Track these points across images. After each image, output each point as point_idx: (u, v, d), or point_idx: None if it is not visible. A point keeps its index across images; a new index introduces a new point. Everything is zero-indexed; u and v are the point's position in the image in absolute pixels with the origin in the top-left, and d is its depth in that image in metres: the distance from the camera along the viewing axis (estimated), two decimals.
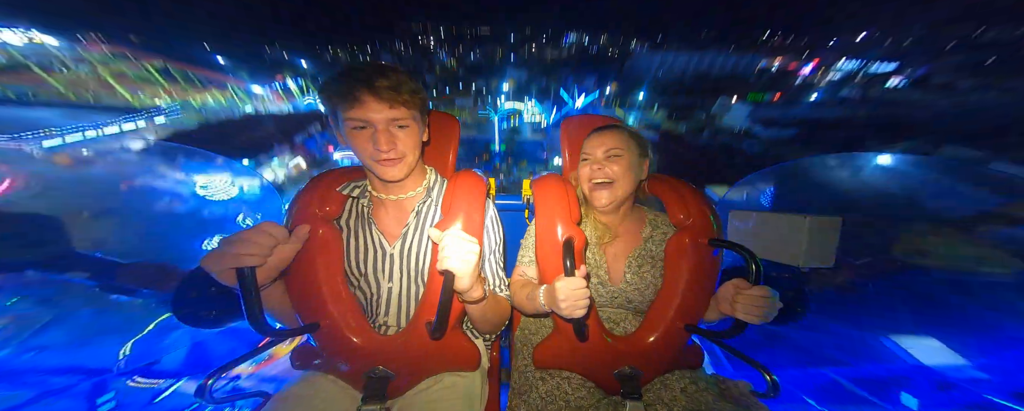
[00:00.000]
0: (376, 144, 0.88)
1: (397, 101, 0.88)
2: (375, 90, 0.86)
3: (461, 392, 1.00)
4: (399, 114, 0.89)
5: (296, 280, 0.95)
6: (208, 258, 0.74)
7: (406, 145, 0.93)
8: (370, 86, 0.85)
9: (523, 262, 1.12)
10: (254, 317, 0.76)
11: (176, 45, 46.81)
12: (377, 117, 0.88)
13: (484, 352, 1.13)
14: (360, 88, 0.85)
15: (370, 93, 0.86)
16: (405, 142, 0.93)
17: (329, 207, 1.00)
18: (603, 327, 1.04)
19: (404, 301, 1.01)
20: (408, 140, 0.93)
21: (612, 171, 1.08)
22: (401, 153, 0.92)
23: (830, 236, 1.59)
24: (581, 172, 1.13)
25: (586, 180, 1.12)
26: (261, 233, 0.77)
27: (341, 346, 0.94)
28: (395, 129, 0.91)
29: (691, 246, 1.07)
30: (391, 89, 0.87)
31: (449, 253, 0.76)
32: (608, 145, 1.10)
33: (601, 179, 1.09)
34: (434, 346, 0.94)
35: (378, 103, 0.87)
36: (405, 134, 0.92)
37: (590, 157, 1.11)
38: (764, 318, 0.84)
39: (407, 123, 0.92)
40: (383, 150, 0.89)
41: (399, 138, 0.91)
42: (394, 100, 0.87)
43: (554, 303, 0.85)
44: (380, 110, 0.87)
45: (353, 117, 0.87)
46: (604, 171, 1.08)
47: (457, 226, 0.93)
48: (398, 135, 0.91)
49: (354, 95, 0.86)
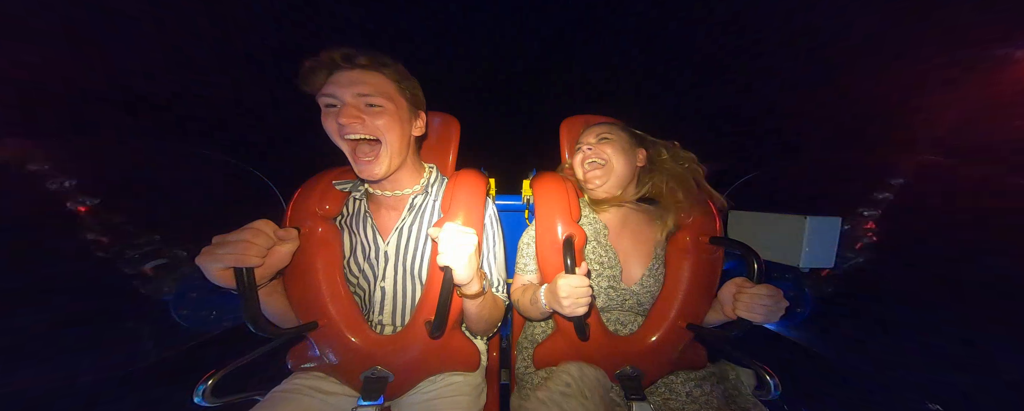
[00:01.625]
0: (338, 117, 0.81)
1: (379, 76, 0.83)
2: (347, 61, 0.82)
3: (460, 393, 0.99)
4: (370, 90, 0.83)
5: (295, 279, 0.95)
6: (203, 257, 0.72)
7: (378, 127, 0.85)
8: (341, 57, 0.82)
9: (525, 270, 1.09)
10: (252, 317, 0.76)
11: None
12: (344, 92, 0.82)
13: (484, 352, 1.13)
14: (331, 59, 0.81)
15: (340, 66, 0.82)
16: (378, 123, 0.85)
17: (329, 205, 1.00)
18: (604, 327, 1.04)
19: (399, 299, 0.99)
20: (384, 122, 0.85)
21: (604, 153, 1.07)
22: (371, 133, 0.85)
23: (830, 236, 1.60)
24: (575, 160, 1.14)
25: (579, 165, 1.12)
26: (258, 233, 0.76)
27: (339, 346, 0.94)
28: (364, 106, 0.84)
29: (692, 245, 1.06)
30: (362, 65, 0.83)
31: (446, 246, 0.75)
32: (599, 131, 1.11)
33: (593, 159, 1.09)
34: (433, 346, 0.94)
35: (348, 76, 0.82)
36: (380, 114, 0.85)
37: (582, 143, 1.13)
38: (767, 317, 0.84)
39: (380, 103, 0.85)
40: (344, 124, 0.81)
41: (368, 116, 0.84)
42: (365, 74, 0.82)
43: (555, 301, 0.84)
44: (349, 83, 0.82)
45: (324, 91, 0.82)
46: (595, 151, 1.08)
47: (456, 222, 0.93)
48: (368, 113, 0.84)
49: (325, 69, 0.82)
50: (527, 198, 1.37)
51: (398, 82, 0.89)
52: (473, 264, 0.80)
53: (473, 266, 0.80)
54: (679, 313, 1.03)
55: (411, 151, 0.99)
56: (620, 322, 1.08)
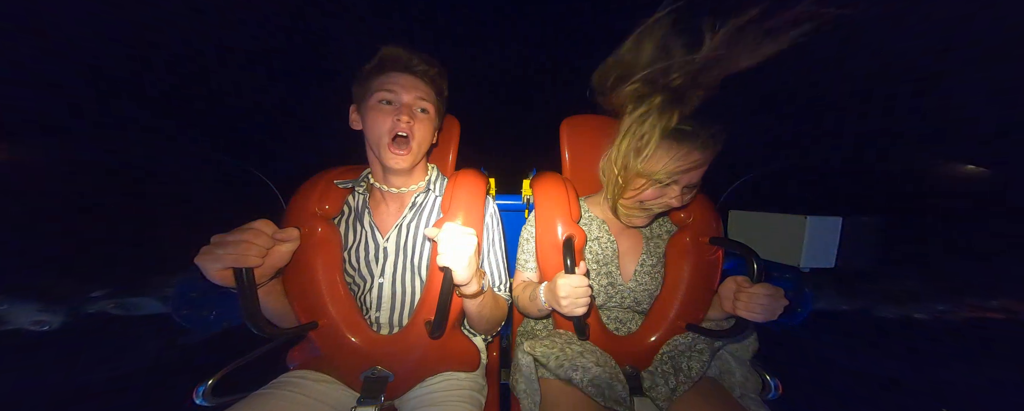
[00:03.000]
0: (396, 116, 0.90)
1: (430, 86, 0.95)
2: (416, 70, 0.93)
3: (460, 392, 0.99)
4: (427, 95, 0.94)
5: (294, 279, 0.95)
6: (202, 257, 0.72)
7: (422, 130, 0.95)
8: (413, 65, 0.92)
9: (525, 267, 1.10)
10: (252, 317, 0.76)
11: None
12: (407, 94, 0.92)
13: (484, 352, 1.13)
14: (403, 64, 0.92)
15: (409, 71, 0.92)
16: (422, 127, 0.95)
17: (328, 205, 1.00)
18: (604, 326, 1.04)
19: (397, 297, 0.99)
20: (426, 127, 0.96)
21: (684, 200, 0.91)
22: (416, 135, 0.94)
23: (830, 236, 1.60)
24: (643, 192, 0.90)
25: (647, 200, 0.92)
26: (257, 233, 0.76)
27: (339, 345, 0.94)
28: (417, 111, 0.94)
29: (692, 245, 1.06)
30: (426, 73, 0.94)
31: (445, 246, 0.75)
32: (697, 179, 0.89)
33: (676, 206, 0.92)
34: (433, 346, 0.94)
35: (413, 80, 0.92)
36: (425, 119, 0.96)
37: (676, 184, 0.88)
38: (767, 316, 0.84)
39: (429, 109, 0.96)
40: (404, 121, 0.90)
41: (417, 120, 0.94)
42: (427, 83, 0.94)
43: (555, 300, 0.84)
44: (413, 87, 0.92)
45: (385, 88, 0.91)
46: (681, 199, 0.90)
47: (456, 221, 0.93)
48: (418, 117, 0.94)
49: (394, 70, 0.91)
50: (527, 198, 1.37)
51: (440, 93, 1.00)
52: (473, 264, 0.80)
53: (473, 266, 0.80)
54: (679, 313, 1.03)
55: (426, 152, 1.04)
56: (619, 320, 1.08)
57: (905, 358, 1.33)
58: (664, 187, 0.88)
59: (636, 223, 1.02)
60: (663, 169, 0.85)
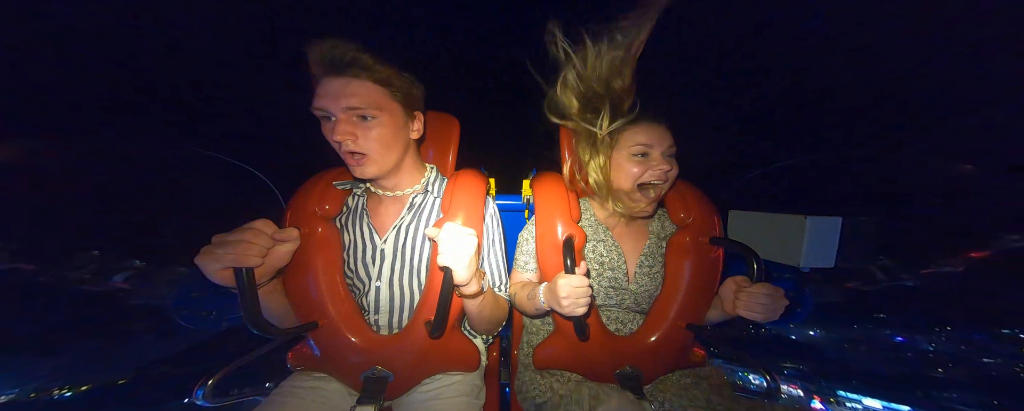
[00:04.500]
0: (332, 135, 0.79)
1: (356, 87, 0.78)
2: (337, 66, 0.77)
3: (460, 392, 0.99)
4: (360, 102, 0.79)
5: (294, 279, 0.95)
6: (203, 257, 0.72)
7: (369, 142, 0.82)
8: (332, 60, 0.77)
9: (525, 267, 1.09)
10: (252, 317, 0.76)
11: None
12: (335, 105, 0.78)
13: (484, 352, 1.13)
14: (326, 64, 0.77)
15: (333, 70, 0.77)
16: (370, 137, 0.82)
17: (328, 205, 1.00)
18: (604, 326, 1.04)
19: (395, 299, 0.98)
20: (376, 135, 0.83)
21: (670, 176, 0.96)
22: (361, 150, 0.83)
23: (830, 236, 1.60)
24: (629, 170, 0.96)
25: (635, 181, 0.97)
26: (257, 233, 0.76)
27: (339, 346, 0.94)
28: (355, 119, 0.81)
29: (692, 245, 1.06)
30: (359, 70, 0.78)
31: (446, 246, 0.75)
32: (669, 141, 0.96)
33: (659, 181, 0.96)
34: (433, 346, 0.94)
35: (339, 86, 0.78)
36: (372, 126, 0.82)
37: (649, 152, 0.96)
38: (767, 316, 0.84)
39: (372, 114, 0.81)
40: (337, 141, 0.79)
41: (360, 130, 0.81)
42: (352, 83, 0.78)
43: (555, 301, 0.84)
44: (338, 95, 0.78)
45: (315, 104, 0.79)
46: (668, 167, 0.95)
47: (456, 221, 0.93)
48: (360, 127, 0.81)
49: (324, 72, 0.78)
50: (527, 198, 1.37)
51: (388, 86, 0.84)
52: (473, 265, 0.80)
53: (473, 267, 0.80)
54: (679, 313, 1.03)
55: (410, 152, 0.98)
56: (620, 321, 1.08)
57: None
58: (644, 159, 0.96)
59: (643, 210, 1.01)
60: (634, 143, 0.96)
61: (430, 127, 1.07)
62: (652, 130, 0.96)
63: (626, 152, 0.97)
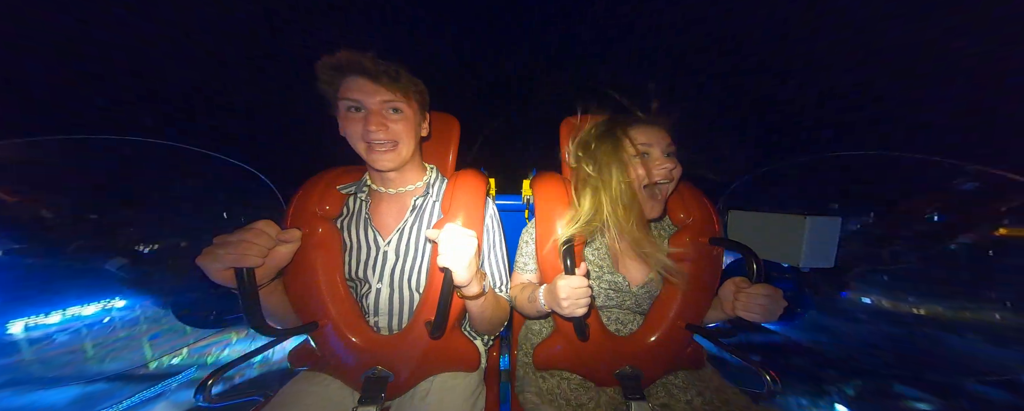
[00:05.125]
0: (366, 125, 0.88)
1: (393, 86, 0.89)
2: (371, 72, 0.87)
3: (460, 392, 0.99)
4: (393, 96, 0.90)
5: (295, 279, 0.95)
6: (204, 257, 0.72)
7: (399, 132, 0.92)
8: (365, 67, 0.87)
9: (524, 268, 1.09)
10: (253, 318, 0.76)
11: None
12: (371, 99, 0.88)
13: (484, 352, 1.13)
14: (357, 67, 0.87)
15: (366, 74, 0.87)
16: (398, 128, 0.92)
17: (328, 206, 1.00)
18: (604, 327, 1.04)
19: (396, 301, 0.98)
20: (402, 127, 0.93)
21: (674, 174, 0.94)
22: (393, 138, 0.92)
23: (830, 236, 1.60)
24: (632, 171, 0.93)
25: (639, 182, 0.93)
26: (258, 233, 0.76)
27: (340, 346, 0.94)
28: (388, 112, 0.91)
29: (692, 245, 1.06)
30: (386, 74, 0.88)
31: (446, 247, 0.75)
32: (668, 140, 0.96)
33: (665, 180, 0.94)
34: (433, 346, 0.94)
35: (373, 84, 0.88)
36: (399, 119, 0.92)
37: (650, 151, 0.94)
38: (766, 317, 0.84)
39: (401, 108, 0.92)
40: (372, 130, 0.88)
41: (391, 122, 0.91)
42: (390, 83, 0.88)
43: (555, 302, 0.84)
44: (375, 91, 0.88)
45: (347, 97, 0.88)
46: (668, 169, 0.92)
47: (456, 222, 0.93)
48: (391, 119, 0.91)
49: (351, 74, 0.87)
50: (527, 198, 1.37)
51: (412, 88, 0.94)
52: (473, 266, 0.80)
53: (473, 268, 0.80)
54: (678, 313, 1.03)
55: (418, 149, 1.03)
56: (620, 321, 1.08)
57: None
58: (646, 159, 0.95)
59: (653, 211, 0.98)
60: (635, 147, 0.95)
61: (430, 127, 1.07)
62: (649, 130, 0.96)
63: (624, 157, 0.96)
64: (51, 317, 1.45)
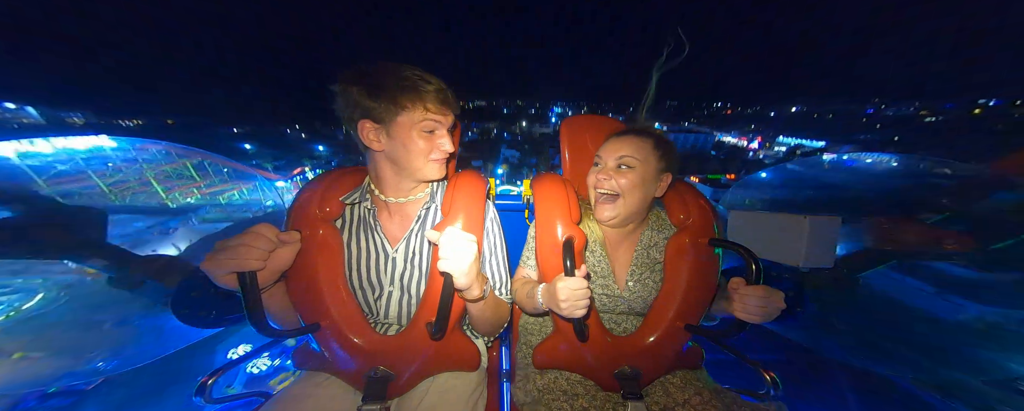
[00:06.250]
0: (443, 145, 0.96)
1: (456, 106, 0.98)
2: (446, 95, 0.94)
3: (461, 392, 1.00)
4: (453, 113, 0.98)
5: (297, 281, 0.95)
6: (208, 262, 0.73)
7: (454, 144, 1.05)
8: (444, 90, 0.93)
9: (527, 264, 1.11)
10: (256, 319, 0.76)
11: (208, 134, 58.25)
12: (446, 120, 0.95)
13: (484, 352, 1.13)
14: (440, 91, 0.92)
15: (444, 96, 0.93)
16: (453, 142, 1.04)
17: (329, 208, 1.00)
18: (603, 327, 1.04)
19: (406, 305, 1.01)
20: (455, 141, 1.07)
21: (619, 183, 1.01)
22: (452, 150, 1.00)
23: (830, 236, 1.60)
24: (589, 177, 1.08)
25: (592, 186, 1.07)
26: (259, 236, 0.77)
27: (342, 346, 0.95)
28: (450, 129, 0.99)
29: (691, 246, 1.07)
30: (453, 97, 0.97)
31: (446, 251, 0.76)
32: (623, 152, 1.02)
33: (606, 190, 1.03)
34: (434, 346, 0.94)
35: (450, 107, 0.95)
36: (452, 134, 1.02)
37: (601, 162, 1.06)
38: (765, 317, 0.84)
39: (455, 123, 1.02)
40: (444, 147, 0.96)
41: (451, 137, 1.00)
42: (454, 107, 0.97)
43: (554, 303, 0.85)
44: (447, 113, 0.95)
45: (432, 119, 0.92)
46: (611, 182, 1.02)
47: (456, 225, 0.93)
48: (450, 135, 0.99)
49: (437, 97, 0.91)
50: (527, 198, 1.37)
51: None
52: (474, 270, 0.80)
53: (474, 272, 0.80)
54: (677, 314, 1.03)
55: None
56: (614, 322, 1.09)
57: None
58: (597, 168, 1.07)
59: (599, 213, 1.07)
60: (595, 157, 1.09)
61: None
62: (614, 142, 1.05)
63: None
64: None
